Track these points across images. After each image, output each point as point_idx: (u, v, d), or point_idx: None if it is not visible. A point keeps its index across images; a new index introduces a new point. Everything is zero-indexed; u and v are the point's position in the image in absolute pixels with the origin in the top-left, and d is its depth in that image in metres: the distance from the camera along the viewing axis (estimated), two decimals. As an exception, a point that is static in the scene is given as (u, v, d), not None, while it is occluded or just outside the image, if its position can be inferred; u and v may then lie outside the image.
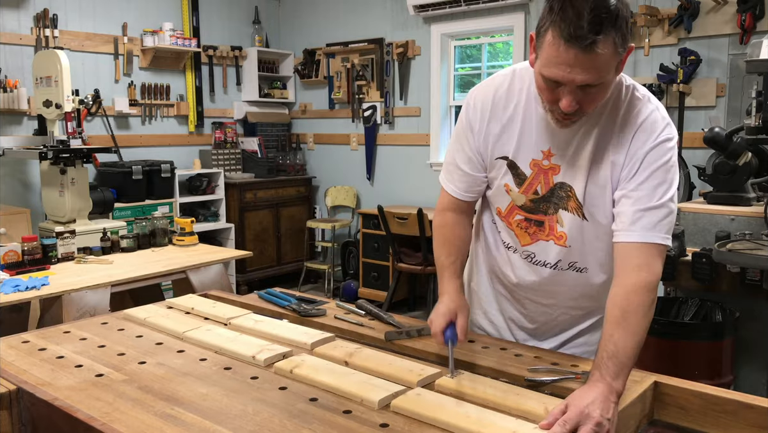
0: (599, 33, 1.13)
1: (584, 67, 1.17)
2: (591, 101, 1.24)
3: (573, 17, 1.14)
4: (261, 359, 1.42)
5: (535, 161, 1.39)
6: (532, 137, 1.38)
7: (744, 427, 1.18)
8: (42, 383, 1.32)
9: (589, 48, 1.14)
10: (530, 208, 1.43)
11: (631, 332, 1.21)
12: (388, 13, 5.66)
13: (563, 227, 1.41)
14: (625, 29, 1.17)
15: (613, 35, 1.15)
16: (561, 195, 1.39)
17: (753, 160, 2.85)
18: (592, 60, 1.16)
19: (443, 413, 1.14)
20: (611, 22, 1.14)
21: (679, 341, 2.54)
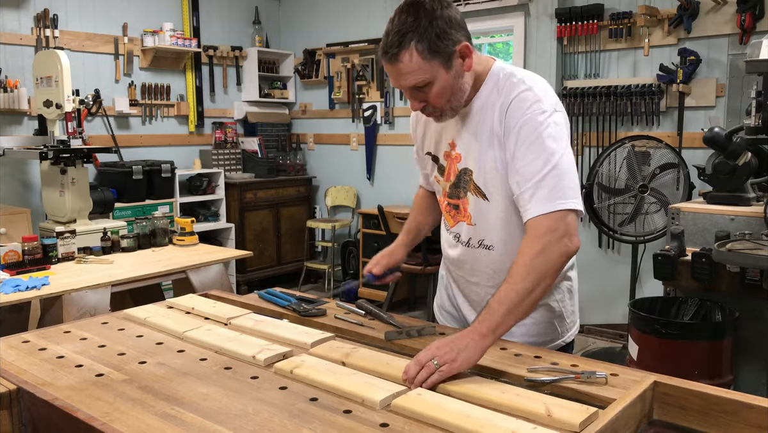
0: (399, 45, 1.38)
1: (399, 75, 1.41)
2: (434, 97, 1.44)
3: (384, 37, 1.42)
4: (261, 358, 1.42)
5: (446, 153, 1.62)
6: (441, 133, 1.62)
7: (744, 427, 1.18)
8: (42, 382, 1.32)
9: (393, 59, 1.40)
10: (450, 193, 1.64)
11: (509, 282, 1.34)
12: (388, 13, 5.62)
13: (470, 207, 1.59)
14: (432, 37, 1.37)
15: (414, 45, 1.37)
16: (465, 180, 1.57)
17: (753, 160, 2.85)
18: (401, 68, 1.40)
19: (443, 413, 1.14)
20: (412, 35, 1.37)
21: (679, 341, 2.54)
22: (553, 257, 1.35)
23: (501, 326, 1.32)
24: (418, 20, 1.37)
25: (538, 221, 1.37)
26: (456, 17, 1.41)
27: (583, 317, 4.77)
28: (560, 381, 1.28)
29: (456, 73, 1.43)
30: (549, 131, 1.41)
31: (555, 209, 1.36)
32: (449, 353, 1.28)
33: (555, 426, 1.10)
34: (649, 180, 3.85)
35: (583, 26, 4.44)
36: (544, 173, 1.38)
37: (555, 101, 1.46)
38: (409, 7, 1.40)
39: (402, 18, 1.39)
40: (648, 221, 3.90)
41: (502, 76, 1.50)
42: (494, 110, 1.48)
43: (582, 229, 4.71)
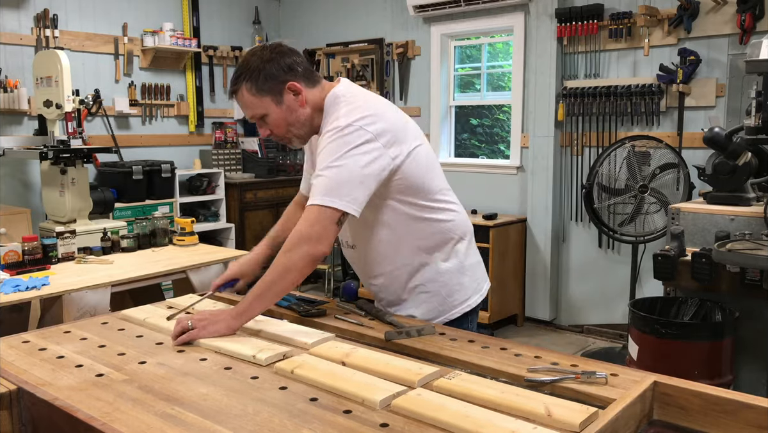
0: (234, 84, 1.70)
1: (241, 107, 1.73)
2: (273, 127, 1.72)
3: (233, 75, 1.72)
4: (261, 358, 1.42)
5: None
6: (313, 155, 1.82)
7: (744, 427, 1.18)
8: (42, 383, 1.32)
9: (233, 95, 1.72)
10: None
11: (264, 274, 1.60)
12: (388, 13, 5.66)
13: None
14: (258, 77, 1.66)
15: (245, 85, 1.67)
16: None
17: (753, 160, 2.85)
18: (240, 101, 1.71)
19: (444, 413, 1.14)
20: (245, 76, 1.67)
21: (679, 341, 2.54)
22: (295, 258, 1.56)
23: (251, 310, 1.59)
24: (248, 64, 1.67)
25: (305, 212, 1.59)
26: (286, 62, 1.68)
27: (583, 317, 4.78)
28: (560, 381, 1.28)
29: (288, 107, 1.69)
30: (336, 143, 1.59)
31: (315, 203, 1.57)
32: (203, 322, 1.56)
33: (555, 426, 1.10)
34: (649, 180, 3.85)
35: (583, 26, 4.44)
36: (318, 174, 1.60)
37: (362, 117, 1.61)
38: (249, 53, 1.72)
39: (241, 61, 1.72)
40: (648, 221, 3.91)
41: (334, 99, 1.71)
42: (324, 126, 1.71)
43: (582, 229, 4.71)
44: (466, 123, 5.68)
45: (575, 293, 4.82)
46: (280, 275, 1.57)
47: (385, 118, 1.66)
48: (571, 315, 4.84)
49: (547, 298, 4.79)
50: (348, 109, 1.65)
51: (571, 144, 4.70)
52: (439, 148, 5.48)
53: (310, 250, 1.56)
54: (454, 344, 1.53)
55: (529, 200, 4.85)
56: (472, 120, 5.69)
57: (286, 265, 1.56)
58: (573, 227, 4.78)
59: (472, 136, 5.71)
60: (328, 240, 1.57)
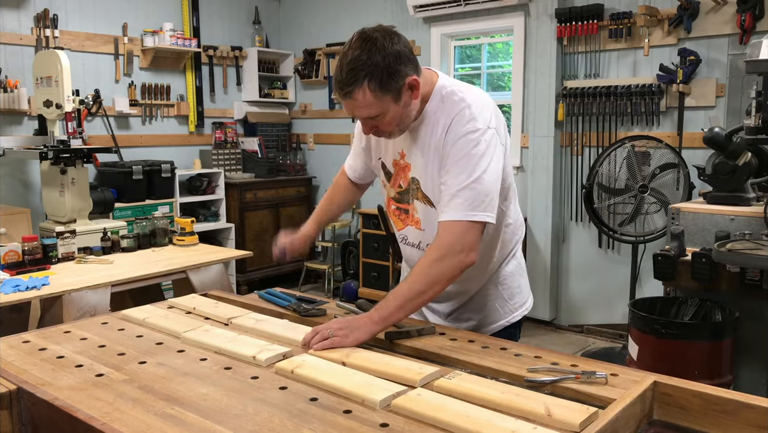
0: (352, 84, 1.46)
1: (353, 108, 1.52)
2: (385, 125, 1.56)
3: (337, 71, 1.49)
4: (262, 359, 1.42)
5: (395, 161, 1.73)
6: (391, 143, 1.72)
7: (744, 427, 1.18)
8: (42, 383, 1.32)
9: (348, 96, 1.49)
10: (398, 198, 1.75)
11: (407, 280, 1.52)
12: (388, 13, 5.66)
13: (418, 213, 1.71)
14: (383, 75, 1.46)
15: (366, 83, 1.46)
16: (414, 188, 1.69)
17: (753, 160, 2.85)
18: (354, 103, 1.50)
19: (444, 413, 1.14)
20: (368, 74, 1.45)
21: (679, 341, 2.54)
22: (445, 268, 1.50)
23: (392, 317, 1.50)
24: (370, 58, 1.45)
25: (447, 226, 1.52)
26: (405, 52, 1.50)
27: (583, 317, 4.78)
28: (560, 381, 1.28)
29: (404, 103, 1.54)
30: (478, 148, 1.52)
31: (464, 219, 1.50)
32: (343, 330, 1.47)
33: (555, 426, 1.10)
34: (649, 180, 3.85)
35: (583, 26, 4.44)
36: (464, 185, 1.51)
37: (489, 118, 1.56)
38: (362, 43, 1.47)
39: (355, 54, 1.46)
40: (648, 221, 3.91)
41: (445, 93, 1.60)
42: (438, 127, 1.59)
43: (582, 229, 4.71)
44: (466, 123, 5.67)
45: (575, 293, 4.82)
46: (429, 285, 1.50)
47: (499, 115, 1.61)
48: (571, 315, 4.84)
49: (547, 298, 4.79)
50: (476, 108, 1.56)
51: (571, 144, 4.70)
52: (439, 148, 5.47)
53: (462, 260, 1.50)
54: (454, 344, 1.53)
55: (529, 200, 4.85)
56: (472, 120, 5.68)
57: (436, 276, 1.50)
58: (573, 226, 4.78)
59: (472, 136, 5.70)
60: (476, 250, 1.53)
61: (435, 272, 1.50)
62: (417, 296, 1.51)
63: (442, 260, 1.50)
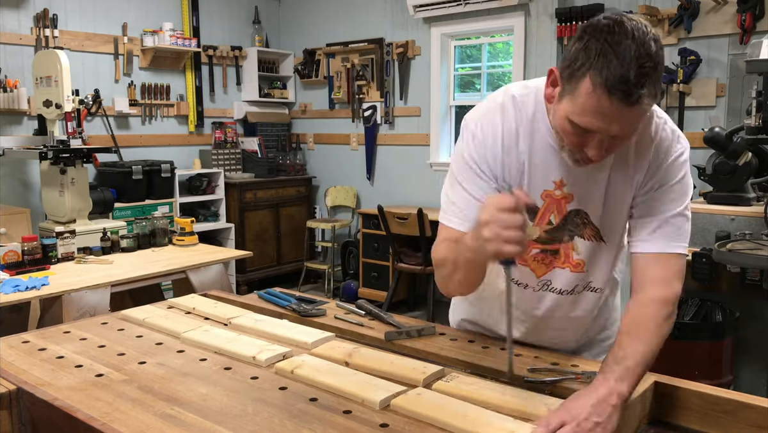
0: (644, 86, 1.06)
1: (626, 121, 1.11)
2: (618, 147, 1.20)
3: (617, 66, 1.05)
4: (261, 359, 1.41)
5: (547, 192, 1.33)
6: (540, 169, 1.32)
7: (744, 427, 1.18)
8: (42, 383, 1.32)
9: (636, 102, 1.07)
10: (545, 239, 1.37)
11: (640, 340, 1.20)
12: (388, 13, 5.66)
13: (579, 254, 1.38)
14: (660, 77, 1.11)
15: (653, 87, 1.08)
16: (576, 222, 1.35)
17: (753, 160, 2.85)
18: (635, 113, 1.10)
19: (442, 413, 1.14)
20: (653, 72, 1.07)
21: (679, 341, 2.54)
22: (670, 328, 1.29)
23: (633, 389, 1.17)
24: (660, 54, 1.09)
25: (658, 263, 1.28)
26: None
27: (583, 317, 4.77)
28: (560, 381, 1.28)
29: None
30: (687, 174, 1.32)
31: (675, 251, 1.29)
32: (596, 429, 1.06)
33: (555, 426, 1.10)
34: (649, 180, 3.84)
35: (583, 26, 4.43)
36: (677, 212, 1.29)
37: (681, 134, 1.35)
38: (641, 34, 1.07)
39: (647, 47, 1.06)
40: (648, 220, 3.90)
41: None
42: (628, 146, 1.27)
43: (582, 229, 4.70)
44: (466, 123, 5.68)
45: (575, 293, 4.81)
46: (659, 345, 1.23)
47: None
48: (571, 315, 4.83)
49: (547, 298, 4.78)
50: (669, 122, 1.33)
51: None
52: (438, 148, 5.47)
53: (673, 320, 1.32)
54: (454, 344, 1.53)
55: (529, 200, 4.84)
56: (472, 120, 5.68)
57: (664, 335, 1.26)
58: (573, 226, 4.77)
59: (472, 136, 5.70)
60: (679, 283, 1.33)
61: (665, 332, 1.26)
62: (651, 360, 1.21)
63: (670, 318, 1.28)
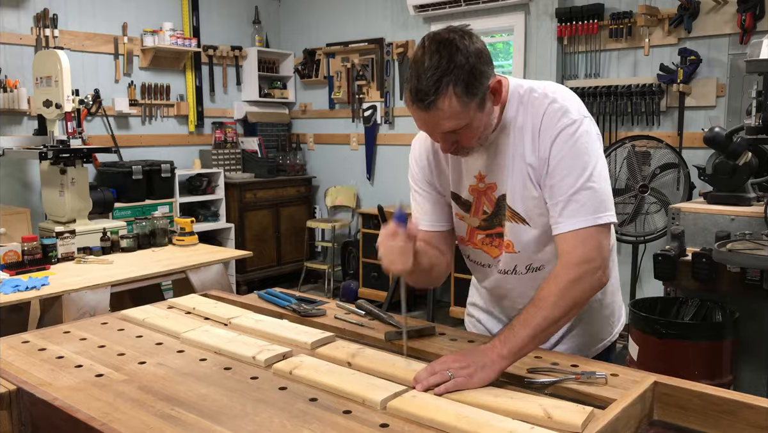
0: (437, 92, 1.25)
1: (435, 122, 1.30)
2: (467, 139, 1.35)
3: (414, 80, 1.27)
4: (261, 359, 1.41)
5: (472, 186, 1.51)
6: (461, 168, 1.51)
7: (744, 427, 1.18)
8: (42, 383, 1.32)
9: (431, 106, 1.26)
10: (486, 225, 1.53)
11: (536, 307, 1.31)
12: (388, 13, 5.66)
13: (507, 236, 1.50)
14: (469, 78, 1.26)
15: (452, 89, 1.25)
16: (503, 207, 1.48)
17: (753, 160, 2.85)
18: (438, 115, 1.28)
19: (439, 414, 1.14)
20: (450, 78, 1.24)
21: (679, 341, 2.54)
22: (585, 289, 1.32)
23: (523, 350, 1.29)
24: (453, 60, 1.25)
25: (572, 239, 1.34)
26: (485, 50, 1.31)
27: (583, 317, 4.77)
28: (560, 382, 1.28)
29: (488, 110, 1.34)
30: (580, 142, 1.36)
31: (590, 224, 1.33)
32: (467, 369, 1.25)
33: (555, 427, 1.10)
34: (650, 180, 3.85)
35: (584, 26, 4.43)
36: (578, 186, 1.34)
37: (580, 106, 1.40)
38: (439, 46, 1.26)
39: (434, 59, 1.25)
40: (648, 221, 3.90)
41: (523, 93, 1.42)
42: (524, 132, 1.40)
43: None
44: (466, 123, 5.68)
45: (575, 293, 4.81)
46: (566, 310, 1.31)
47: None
48: (571, 315, 4.83)
49: (547, 298, 4.78)
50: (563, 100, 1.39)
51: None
52: (439, 148, 5.47)
53: (600, 278, 1.34)
54: (454, 345, 1.53)
55: (529, 200, 4.84)
56: (472, 120, 5.68)
57: (576, 298, 1.31)
58: (573, 226, 4.77)
59: (472, 136, 5.71)
60: (609, 261, 1.37)
61: (573, 294, 1.31)
62: (552, 324, 1.30)
63: (580, 281, 1.31)
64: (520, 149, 1.41)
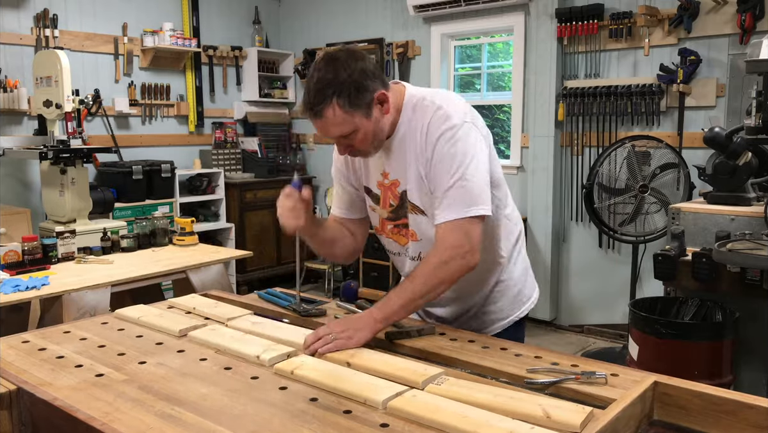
0: (321, 101, 1.48)
1: (325, 128, 1.53)
2: (359, 143, 1.56)
3: (305, 92, 1.52)
4: (265, 358, 1.41)
5: (379, 182, 1.72)
6: (371, 166, 1.73)
7: (744, 427, 1.18)
8: (42, 383, 1.32)
9: (318, 114, 1.50)
10: (393, 216, 1.74)
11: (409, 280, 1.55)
12: (388, 13, 5.66)
13: (410, 227, 1.71)
14: (350, 90, 1.48)
15: (335, 101, 1.47)
16: (406, 201, 1.68)
17: (753, 160, 2.85)
18: (325, 122, 1.51)
19: (439, 414, 1.14)
20: (335, 91, 1.47)
21: (679, 341, 2.54)
22: (452, 270, 1.52)
23: (394, 316, 1.53)
24: (337, 76, 1.48)
25: (445, 228, 1.54)
26: (370, 68, 1.52)
27: (583, 316, 4.78)
28: (560, 382, 1.28)
29: (376, 119, 1.54)
30: (458, 145, 1.54)
31: (460, 216, 1.52)
32: (346, 332, 1.48)
33: (555, 427, 1.10)
34: (650, 180, 3.85)
35: (584, 26, 4.43)
36: (451, 183, 1.53)
37: (464, 113, 1.58)
38: (326, 64, 1.50)
39: (321, 74, 1.49)
40: (648, 221, 3.90)
41: (416, 102, 1.62)
42: (416, 135, 1.60)
43: (582, 229, 4.71)
44: (466, 123, 5.67)
45: (575, 293, 4.82)
46: (434, 286, 1.53)
47: (474, 111, 1.64)
48: (572, 315, 4.84)
49: (548, 298, 4.79)
50: (448, 107, 1.58)
51: (571, 144, 4.70)
52: (439, 148, 5.47)
53: (468, 261, 1.52)
54: (455, 344, 1.53)
55: (530, 200, 4.85)
56: (472, 120, 5.68)
57: (443, 277, 1.52)
58: (573, 226, 4.78)
59: (472, 136, 5.70)
60: (478, 247, 1.55)
61: (440, 274, 1.51)
62: (421, 297, 1.53)
63: (449, 263, 1.51)
64: (414, 149, 1.61)
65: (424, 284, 1.52)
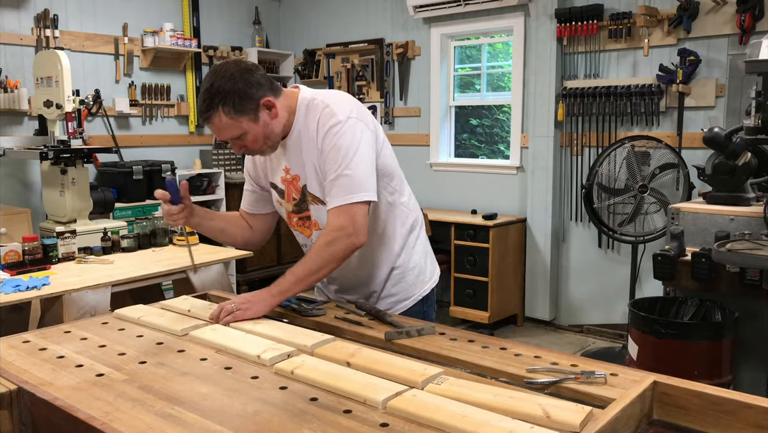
0: (209, 109, 1.66)
1: (216, 131, 1.72)
2: (250, 144, 1.74)
3: (199, 100, 1.71)
4: (266, 358, 1.42)
5: (282, 178, 1.89)
6: (274, 163, 1.90)
7: (744, 427, 1.18)
8: (42, 382, 1.33)
9: (207, 121, 1.69)
10: (297, 209, 1.91)
11: (303, 260, 1.72)
12: (388, 13, 5.66)
13: (313, 216, 1.88)
14: (234, 99, 1.65)
15: (220, 109, 1.65)
16: (306, 194, 1.85)
17: (752, 160, 2.85)
18: (215, 127, 1.70)
19: (439, 413, 1.14)
20: (219, 100, 1.65)
21: (678, 341, 2.54)
22: (337, 250, 1.69)
23: (289, 291, 1.72)
24: (222, 86, 1.64)
25: (332, 213, 1.70)
26: (255, 77, 1.69)
27: (583, 316, 4.78)
28: (560, 381, 1.28)
29: (264, 122, 1.71)
30: (343, 139, 1.71)
31: (345, 203, 1.68)
32: (245, 304, 1.69)
33: (554, 427, 1.10)
34: (649, 180, 3.85)
35: (583, 26, 4.44)
36: (338, 174, 1.70)
37: (349, 109, 1.74)
38: (213, 74, 1.68)
39: (208, 84, 1.66)
40: (648, 221, 3.91)
41: (308, 103, 1.78)
42: (309, 132, 1.77)
43: (582, 229, 4.71)
44: (466, 123, 5.69)
45: (575, 293, 4.82)
46: (323, 264, 1.69)
47: (361, 108, 1.80)
48: (571, 315, 4.84)
49: (547, 298, 4.79)
50: (334, 105, 1.75)
51: (570, 144, 4.70)
52: (438, 149, 5.48)
53: (353, 241, 1.68)
54: (454, 344, 1.53)
55: (529, 200, 4.85)
56: (471, 120, 5.69)
57: (331, 256, 1.69)
58: (573, 227, 4.78)
59: (472, 136, 5.72)
60: (365, 230, 1.71)
61: (328, 253, 1.69)
62: (311, 274, 1.71)
63: (334, 243, 1.68)
64: (308, 145, 1.78)
65: (314, 261, 1.69)
